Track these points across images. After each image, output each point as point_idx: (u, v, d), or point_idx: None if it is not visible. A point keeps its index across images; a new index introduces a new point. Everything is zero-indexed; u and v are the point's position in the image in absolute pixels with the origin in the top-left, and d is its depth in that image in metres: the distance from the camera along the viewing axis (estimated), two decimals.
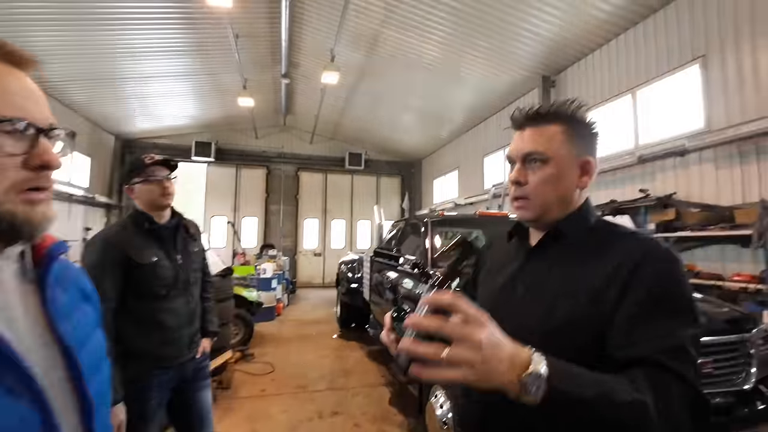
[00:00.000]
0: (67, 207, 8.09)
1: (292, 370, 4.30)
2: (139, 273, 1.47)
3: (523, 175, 0.80)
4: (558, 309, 0.73)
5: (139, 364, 1.46)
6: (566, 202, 0.81)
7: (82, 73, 7.03)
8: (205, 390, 1.72)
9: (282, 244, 11.61)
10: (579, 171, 0.80)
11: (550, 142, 0.78)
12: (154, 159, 1.56)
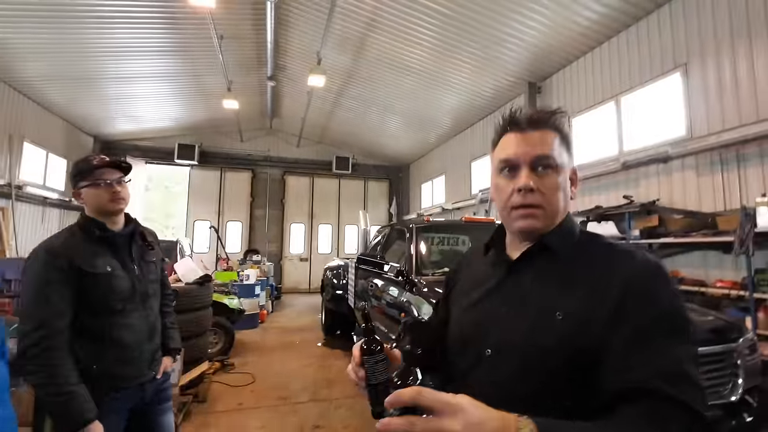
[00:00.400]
0: (41, 210, 7.79)
1: (274, 380, 4.16)
2: (91, 285, 1.33)
3: (535, 181, 0.73)
4: (543, 326, 0.68)
5: (93, 387, 1.31)
6: (561, 214, 0.77)
7: (61, 73, 6.80)
8: (167, 414, 1.58)
9: (267, 249, 11.41)
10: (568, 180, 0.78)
11: (555, 147, 0.75)
12: (104, 160, 1.42)
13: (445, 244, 3.52)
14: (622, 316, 0.63)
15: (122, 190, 1.43)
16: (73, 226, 1.43)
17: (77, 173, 1.42)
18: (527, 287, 0.74)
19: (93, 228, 1.39)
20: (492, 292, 0.79)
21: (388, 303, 3.30)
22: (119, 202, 1.42)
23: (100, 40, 6.05)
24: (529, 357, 0.68)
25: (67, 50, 6.18)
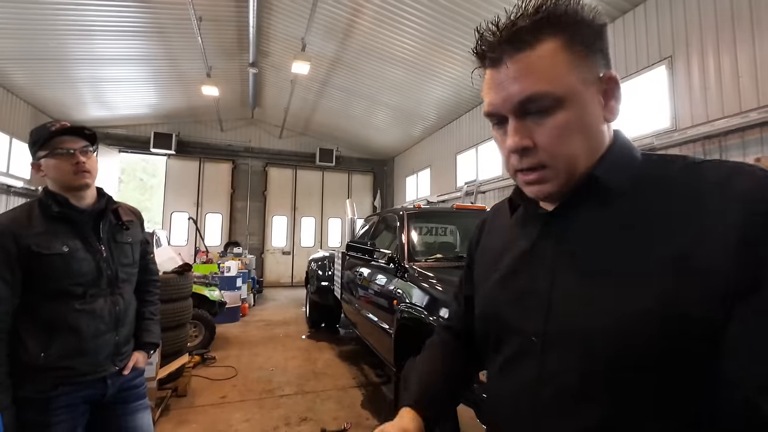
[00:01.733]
0: (3, 200, 7.32)
1: (258, 374, 4.02)
2: (44, 266, 1.17)
3: (528, 135, 0.52)
4: (628, 300, 0.46)
5: (38, 380, 1.16)
6: (597, 149, 0.54)
7: (24, 52, 6.35)
8: (138, 413, 1.39)
9: (248, 242, 11.14)
10: (601, 96, 0.53)
11: (552, 69, 0.50)
12: (64, 125, 1.23)
13: (435, 232, 3.45)
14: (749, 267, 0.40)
15: (87, 161, 1.25)
16: (32, 201, 1.27)
17: (34, 142, 1.24)
18: (577, 244, 0.54)
19: (51, 203, 1.23)
20: (526, 257, 0.60)
21: (376, 292, 3.21)
22: (83, 175, 1.24)
23: (66, 17, 5.65)
24: (594, 346, 0.48)
25: (30, 27, 5.75)
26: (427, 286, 2.42)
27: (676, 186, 0.50)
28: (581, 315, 0.50)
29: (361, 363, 4.38)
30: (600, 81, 0.53)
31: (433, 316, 2.13)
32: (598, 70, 0.53)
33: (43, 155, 1.23)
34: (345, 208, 6.22)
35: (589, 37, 0.52)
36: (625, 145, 0.56)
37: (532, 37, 0.51)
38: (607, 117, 0.54)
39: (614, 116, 0.54)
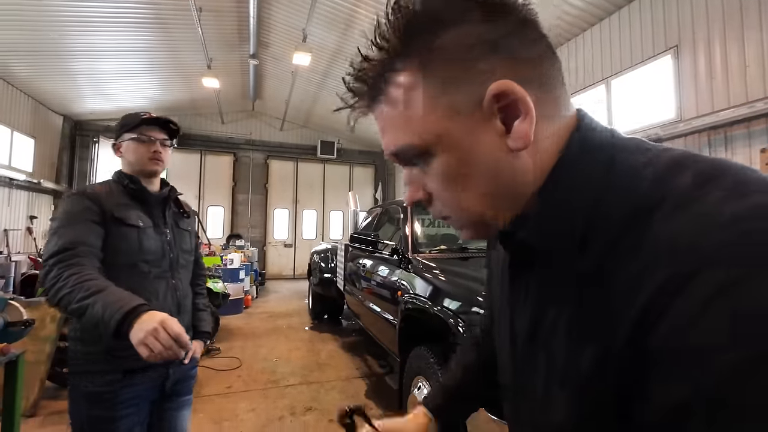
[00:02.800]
0: (6, 192, 7.33)
1: (262, 364, 4.06)
2: (121, 235, 1.21)
3: (418, 184, 0.44)
4: (553, 405, 0.40)
5: (110, 368, 1.14)
6: (511, 186, 0.40)
7: (25, 44, 6.31)
8: (186, 409, 1.39)
9: (250, 234, 11.16)
10: (496, 120, 0.38)
11: (409, 116, 0.40)
12: (152, 117, 1.33)
13: (439, 223, 3.45)
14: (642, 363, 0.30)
15: (163, 151, 1.35)
16: (107, 181, 1.35)
17: (122, 125, 1.34)
18: (527, 302, 0.45)
19: (126, 181, 1.31)
20: (503, 299, 0.52)
21: (380, 283, 3.22)
22: (157, 163, 1.34)
23: (66, 8, 5.60)
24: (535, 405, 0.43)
25: (31, 18, 5.71)
26: (431, 277, 2.42)
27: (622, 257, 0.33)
28: (531, 376, 0.44)
29: (364, 354, 4.42)
30: (491, 100, 0.37)
31: (437, 307, 2.14)
32: (480, 88, 0.37)
33: (127, 138, 1.32)
34: (347, 200, 6.22)
35: (455, 52, 0.38)
36: (575, 167, 0.38)
37: (379, 78, 0.41)
38: (511, 144, 0.38)
39: (523, 141, 0.37)
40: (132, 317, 0.93)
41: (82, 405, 1.15)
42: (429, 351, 2.16)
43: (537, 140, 0.38)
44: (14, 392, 1.82)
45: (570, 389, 0.37)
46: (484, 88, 0.37)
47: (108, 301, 0.98)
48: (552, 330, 0.40)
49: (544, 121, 0.39)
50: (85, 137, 9.86)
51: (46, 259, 1.09)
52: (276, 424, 2.81)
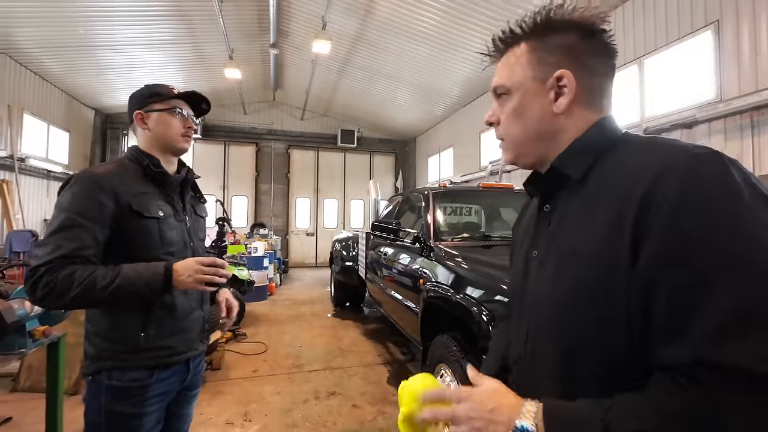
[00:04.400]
0: (45, 184, 7.72)
1: (287, 349, 4.16)
2: (141, 228, 1.10)
3: (495, 114, 0.69)
4: (562, 273, 0.58)
5: (139, 362, 1.10)
6: (546, 137, 0.64)
7: (55, 40, 6.55)
8: (195, 400, 1.36)
9: (273, 223, 11.37)
10: (552, 92, 0.62)
11: (512, 68, 0.65)
12: (186, 91, 1.22)
13: (461, 211, 3.40)
14: (645, 244, 0.47)
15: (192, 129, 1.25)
16: (122, 159, 1.19)
17: (152, 94, 1.19)
18: (553, 227, 0.63)
19: (146, 161, 1.16)
20: (527, 237, 0.72)
21: (401, 271, 3.22)
22: (187, 140, 1.22)
23: (90, 3, 5.76)
24: (555, 313, 0.59)
25: (59, 15, 5.89)
26: (453, 265, 2.40)
27: (619, 170, 0.55)
28: (549, 281, 0.61)
29: (386, 341, 4.46)
30: (554, 79, 0.61)
31: (460, 295, 2.12)
32: (551, 68, 0.61)
33: (159, 108, 1.19)
34: (368, 188, 6.22)
35: (552, 42, 0.62)
36: (592, 137, 0.62)
37: (510, 43, 0.66)
38: (554, 109, 0.62)
39: (558, 109, 0.62)
40: (170, 272, 1.06)
41: (104, 399, 1.08)
42: (452, 339, 2.15)
43: (573, 115, 0.63)
44: (56, 371, 1.93)
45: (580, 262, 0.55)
46: (554, 70, 0.62)
47: (137, 272, 1.04)
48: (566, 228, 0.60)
49: (582, 107, 0.62)
50: (115, 130, 10.22)
51: (37, 266, 0.98)
52: (301, 407, 2.88)
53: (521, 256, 0.73)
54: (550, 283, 0.60)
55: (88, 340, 1.14)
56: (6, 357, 1.58)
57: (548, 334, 0.60)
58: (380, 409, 2.86)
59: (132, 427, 1.10)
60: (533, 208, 0.73)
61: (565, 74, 0.60)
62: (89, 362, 1.12)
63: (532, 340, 0.64)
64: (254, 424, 2.64)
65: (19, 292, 1.72)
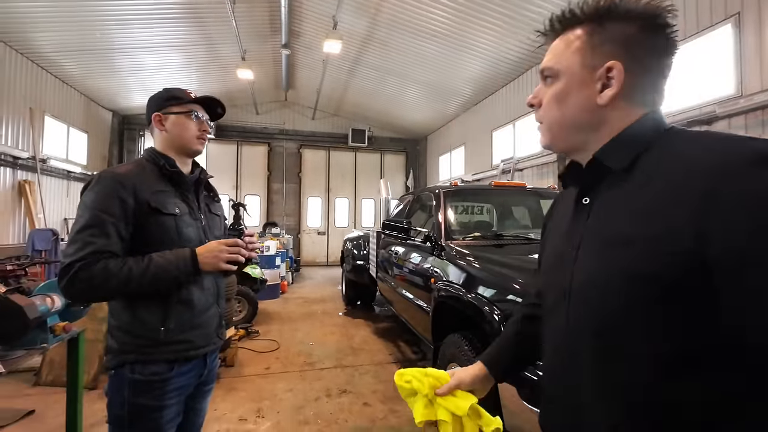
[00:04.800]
0: (65, 184, 7.93)
1: (298, 347, 4.20)
2: (159, 225, 1.15)
3: (538, 96, 0.68)
4: (609, 264, 0.57)
5: (160, 356, 1.14)
6: (586, 127, 0.63)
7: (74, 44, 6.71)
8: (210, 394, 1.38)
9: (285, 222, 11.47)
10: (599, 83, 0.60)
11: (564, 51, 0.63)
12: (202, 96, 1.27)
13: (472, 210, 3.38)
14: (716, 240, 0.47)
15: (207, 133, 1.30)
16: (140, 159, 1.25)
17: (170, 97, 1.25)
18: (594, 220, 0.62)
19: (162, 161, 1.22)
20: (567, 226, 0.69)
21: (412, 270, 3.22)
22: (202, 142, 1.28)
23: (107, 6, 5.88)
24: (593, 297, 0.58)
25: (77, 19, 6.04)
26: (464, 264, 2.39)
27: (669, 162, 0.55)
28: (592, 272, 0.60)
29: (397, 340, 4.46)
30: (605, 70, 0.59)
31: (471, 294, 2.11)
32: (603, 58, 0.60)
33: (177, 111, 1.25)
34: (379, 187, 6.22)
35: (609, 32, 0.60)
36: (637, 131, 0.60)
37: (568, 24, 0.64)
38: (597, 100, 0.60)
39: (602, 101, 0.60)
40: (195, 254, 1.14)
41: (126, 392, 1.12)
42: (463, 338, 2.14)
43: (617, 108, 0.61)
44: (77, 366, 1.98)
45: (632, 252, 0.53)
46: (605, 60, 0.59)
47: (166, 259, 1.12)
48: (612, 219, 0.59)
49: (627, 102, 0.60)
50: (132, 131, 10.43)
51: (71, 262, 1.04)
52: (312, 405, 2.91)
53: (555, 250, 0.72)
54: (594, 274, 0.59)
55: (111, 334, 1.17)
56: (29, 352, 1.63)
57: (594, 326, 0.58)
58: (391, 408, 2.87)
59: (153, 419, 1.14)
60: (569, 201, 0.72)
61: (615, 66, 0.58)
62: (112, 356, 1.15)
63: (572, 333, 0.62)
64: (267, 420, 2.68)
65: (41, 289, 1.77)
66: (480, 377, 0.85)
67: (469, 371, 0.85)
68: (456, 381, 0.83)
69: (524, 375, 1.63)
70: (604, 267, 0.57)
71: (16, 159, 6.55)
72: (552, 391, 0.69)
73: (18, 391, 2.96)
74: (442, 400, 0.80)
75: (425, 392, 0.80)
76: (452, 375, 0.85)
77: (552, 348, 0.69)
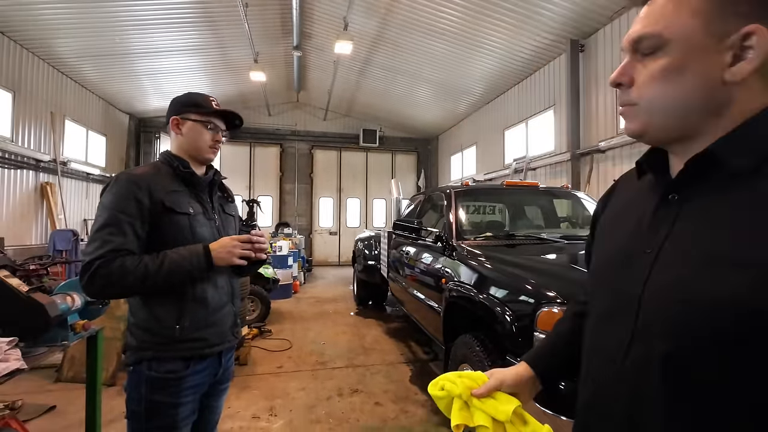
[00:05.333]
0: (84, 186, 8.15)
1: (311, 347, 4.23)
2: (173, 224, 1.19)
3: (627, 72, 0.54)
4: (699, 282, 0.46)
5: (175, 353, 1.16)
6: (704, 110, 0.50)
7: (92, 49, 6.89)
8: (226, 393, 1.42)
9: (297, 223, 11.57)
10: (729, 53, 0.47)
11: (674, 14, 0.49)
12: (221, 107, 1.31)
13: (484, 210, 3.36)
14: None
15: (220, 143, 1.35)
16: (156, 162, 1.31)
17: (192, 103, 1.29)
18: (688, 224, 0.51)
19: (177, 163, 1.27)
20: (641, 226, 0.57)
21: (423, 271, 3.21)
22: (214, 152, 1.32)
23: (126, 12, 6.02)
24: (679, 315, 0.47)
25: (96, 25, 6.20)
26: (476, 265, 2.37)
27: None
28: (683, 287, 0.48)
29: (408, 340, 4.46)
30: (740, 37, 0.46)
31: (482, 295, 2.10)
32: (739, 19, 0.46)
33: (194, 118, 1.29)
34: (390, 188, 6.23)
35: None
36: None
37: None
38: (726, 77, 0.47)
39: (733, 77, 0.47)
40: (208, 250, 1.18)
41: (144, 389, 1.16)
42: (475, 339, 2.13)
43: (750, 88, 0.48)
44: (95, 363, 2.04)
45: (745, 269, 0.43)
46: (741, 25, 0.46)
47: (181, 256, 1.16)
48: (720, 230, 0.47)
49: (766, 80, 0.48)
50: (148, 133, 10.66)
51: (91, 260, 1.08)
52: (324, 404, 2.92)
53: (618, 248, 0.60)
54: (685, 290, 0.48)
55: (130, 332, 1.22)
56: (50, 349, 1.68)
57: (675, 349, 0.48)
58: (403, 408, 2.87)
59: (169, 415, 1.17)
60: (639, 193, 0.62)
61: (757, 31, 0.45)
62: (131, 353, 1.20)
63: (639, 346, 0.52)
64: (279, 418, 2.71)
65: (61, 288, 1.83)
66: (524, 379, 0.74)
67: (512, 371, 0.75)
68: (496, 381, 0.73)
69: None
70: (703, 287, 0.46)
71: (39, 162, 6.76)
72: (598, 403, 0.59)
73: (40, 386, 3.06)
74: (479, 402, 0.70)
75: (459, 393, 0.71)
76: (490, 376, 0.75)
77: (604, 357, 0.58)
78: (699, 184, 0.51)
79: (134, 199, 1.14)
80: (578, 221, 3.38)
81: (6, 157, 6.10)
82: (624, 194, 0.69)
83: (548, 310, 1.68)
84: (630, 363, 0.53)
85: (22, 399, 2.72)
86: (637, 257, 0.55)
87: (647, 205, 0.58)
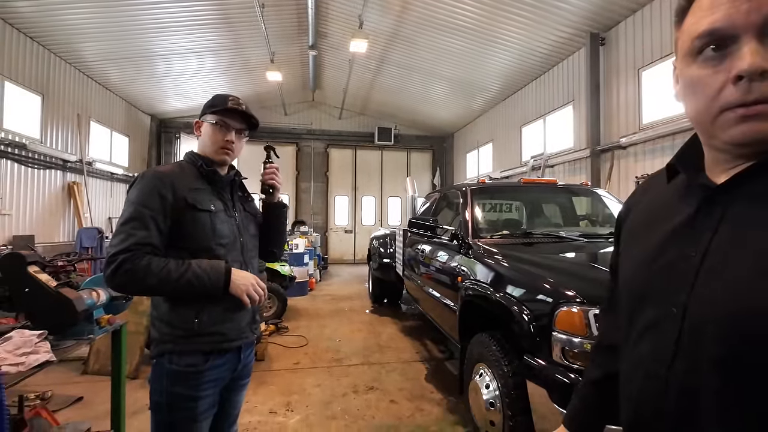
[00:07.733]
0: (109, 185, 8.41)
1: (326, 344, 4.27)
2: (195, 220, 1.22)
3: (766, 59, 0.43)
4: (756, 286, 0.42)
5: (194, 347, 1.20)
6: None
7: (115, 52, 7.10)
8: (245, 389, 1.44)
9: (313, 221, 11.67)
10: None
11: None
12: (238, 107, 1.33)
13: (500, 208, 3.32)
14: None
15: (237, 142, 1.35)
16: (180, 161, 1.36)
17: (209, 105, 1.34)
18: (737, 221, 0.47)
19: (200, 162, 1.32)
20: (679, 230, 0.53)
21: (439, 269, 3.19)
22: (224, 152, 1.33)
23: (148, 16, 6.18)
24: (737, 328, 0.43)
25: (119, 28, 6.37)
26: (492, 263, 2.35)
27: None
28: (726, 297, 0.45)
29: (423, 338, 4.45)
30: None
31: (499, 293, 2.07)
32: None
33: (209, 120, 1.32)
34: (405, 186, 6.21)
35: None
36: None
37: None
38: None
39: None
40: (228, 275, 1.20)
41: (165, 381, 1.19)
42: (491, 338, 2.11)
43: None
44: (120, 356, 2.10)
45: None
46: None
47: (203, 269, 1.17)
48: None
49: None
50: (169, 134, 10.92)
51: (115, 253, 1.12)
52: (340, 400, 2.95)
53: (656, 251, 0.56)
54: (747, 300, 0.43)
55: (153, 325, 1.27)
56: (77, 342, 1.75)
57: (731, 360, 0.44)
58: (418, 406, 2.87)
59: (189, 408, 1.20)
60: (679, 195, 0.57)
61: None
62: (153, 346, 1.24)
63: (686, 358, 0.48)
64: (296, 414, 2.74)
65: (87, 284, 1.89)
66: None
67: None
68: None
69: (555, 377, 1.58)
70: (761, 292, 0.42)
71: (66, 162, 7.01)
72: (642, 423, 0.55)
73: (68, 378, 3.18)
74: None
75: None
76: None
77: (644, 372, 0.54)
78: (746, 184, 0.47)
79: (158, 195, 1.18)
80: (598, 219, 3.30)
81: (35, 158, 6.35)
82: (653, 197, 0.64)
83: (567, 310, 1.65)
84: (674, 378, 0.49)
85: (52, 390, 2.84)
86: (679, 262, 0.51)
87: (685, 206, 0.54)
